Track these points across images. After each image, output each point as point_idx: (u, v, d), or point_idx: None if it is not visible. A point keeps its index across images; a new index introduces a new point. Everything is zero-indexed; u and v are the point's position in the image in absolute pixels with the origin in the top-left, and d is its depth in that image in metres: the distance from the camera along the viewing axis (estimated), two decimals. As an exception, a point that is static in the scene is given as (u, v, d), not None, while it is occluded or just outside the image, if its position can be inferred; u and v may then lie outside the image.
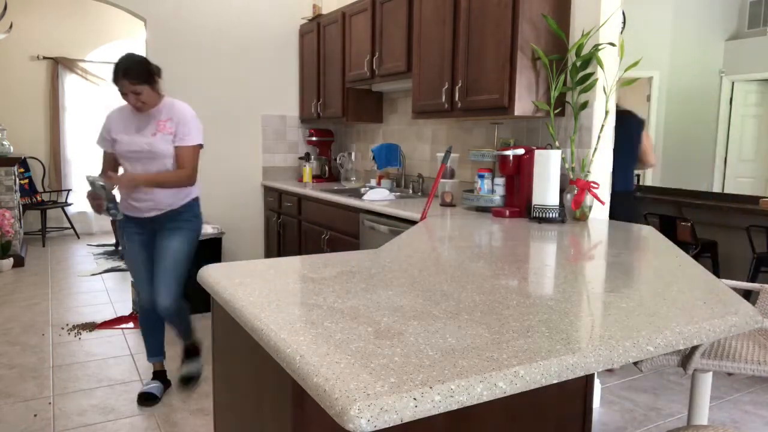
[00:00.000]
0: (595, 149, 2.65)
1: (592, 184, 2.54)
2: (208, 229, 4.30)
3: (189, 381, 2.91)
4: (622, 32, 2.78)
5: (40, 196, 7.14)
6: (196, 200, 2.79)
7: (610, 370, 2.80)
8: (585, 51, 2.63)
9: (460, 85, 2.97)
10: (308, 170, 4.61)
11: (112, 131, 2.63)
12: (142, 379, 3.03)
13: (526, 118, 2.91)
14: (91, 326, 3.85)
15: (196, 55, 4.50)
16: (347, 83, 4.20)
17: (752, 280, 3.88)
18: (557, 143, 2.75)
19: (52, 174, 7.43)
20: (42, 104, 7.32)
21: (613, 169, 2.83)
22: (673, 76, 6.79)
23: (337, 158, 4.87)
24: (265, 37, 4.80)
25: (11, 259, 5.53)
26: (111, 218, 2.65)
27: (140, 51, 3.19)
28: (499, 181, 2.86)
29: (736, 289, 2.71)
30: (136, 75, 2.46)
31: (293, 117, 5.03)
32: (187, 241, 2.71)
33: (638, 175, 6.92)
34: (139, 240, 2.72)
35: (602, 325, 1.10)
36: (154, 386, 2.80)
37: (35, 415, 2.62)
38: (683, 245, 4.05)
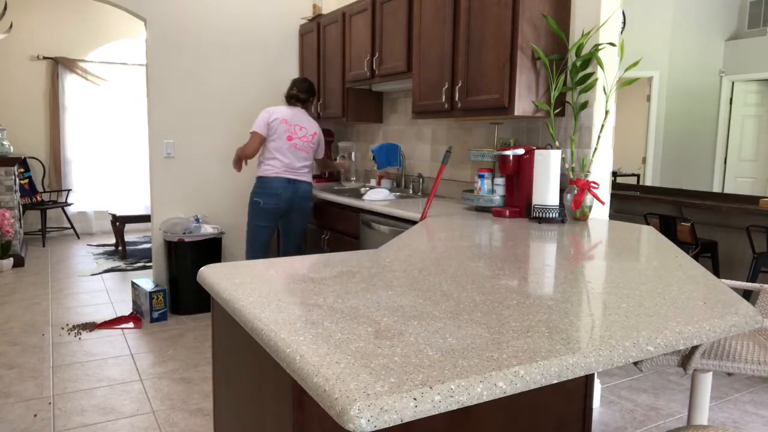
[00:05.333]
0: (595, 149, 2.65)
1: (592, 184, 2.55)
2: (208, 229, 4.30)
3: None
4: (622, 32, 2.79)
5: (40, 196, 7.14)
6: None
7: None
8: (585, 51, 2.63)
9: (460, 85, 2.97)
10: (308, 170, 4.60)
11: None
12: (142, 379, 3.03)
13: (526, 118, 2.91)
14: (91, 326, 3.85)
15: (196, 55, 4.50)
16: (347, 83, 4.20)
17: (752, 280, 3.88)
18: (557, 143, 2.76)
19: (52, 174, 7.43)
20: (42, 104, 7.32)
21: None
22: (673, 76, 6.79)
23: (337, 158, 4.87)
24: (265, 37, 4.80)
25: (11, 259, 5.53)
26: None
27: (140, 51, 3.18)
28: (499, 181, 2.86)
29: (736, 289, 2.71)
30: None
31: (293, 117, 5.02)
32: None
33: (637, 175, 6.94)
34: None
35: (602, 325, 1.10)
36: None
37: (35, 415, 2.62)
38: (683, 245, 4.06)
